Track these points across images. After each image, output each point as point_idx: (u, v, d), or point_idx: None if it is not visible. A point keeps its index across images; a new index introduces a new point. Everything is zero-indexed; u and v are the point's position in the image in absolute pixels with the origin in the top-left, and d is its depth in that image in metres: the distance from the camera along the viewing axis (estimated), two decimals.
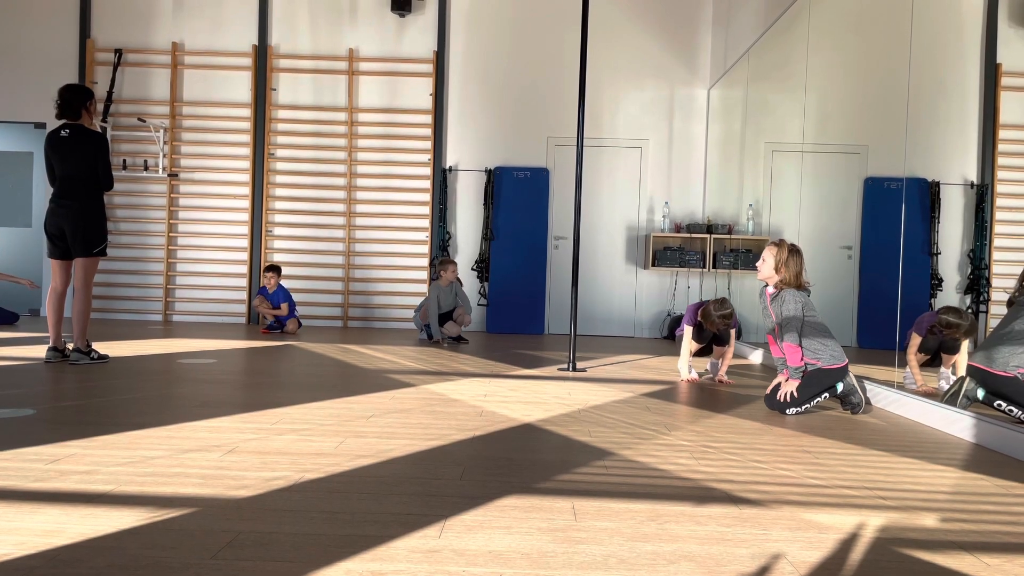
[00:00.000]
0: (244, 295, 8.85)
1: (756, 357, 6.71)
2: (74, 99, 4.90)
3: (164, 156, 8.74)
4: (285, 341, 6.84)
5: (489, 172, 8.85)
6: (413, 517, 2.02)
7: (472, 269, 8.87)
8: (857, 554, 1.83)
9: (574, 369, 5.40)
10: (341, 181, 8.88)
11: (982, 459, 2.99)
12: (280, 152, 8.92)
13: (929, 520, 2.14)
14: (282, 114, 8.91)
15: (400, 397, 3.95)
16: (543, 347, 7.16)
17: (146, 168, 8.72)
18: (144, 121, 8.56)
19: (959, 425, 3.43)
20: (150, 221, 8.91)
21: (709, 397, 4.42)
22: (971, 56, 6.74)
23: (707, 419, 3.65)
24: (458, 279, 7.52)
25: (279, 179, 8.92)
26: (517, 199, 8.82)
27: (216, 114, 8.90)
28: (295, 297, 8.87)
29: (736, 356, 7.03)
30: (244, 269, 8.86)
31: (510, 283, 8.77)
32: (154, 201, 8.91)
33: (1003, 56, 6.51)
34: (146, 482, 2.27)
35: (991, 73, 6.63)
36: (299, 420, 3.28)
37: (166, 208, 8.86)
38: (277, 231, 8.92)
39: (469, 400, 3.94)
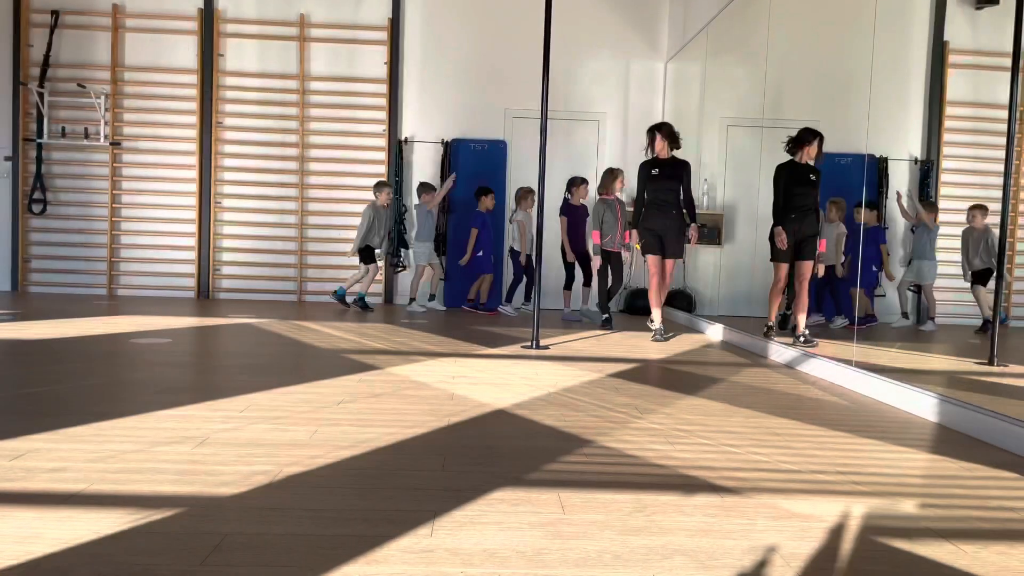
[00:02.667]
0: (193, 268, 8.62)
1: (715, 333, 6.82)
2: None
3: (106, 123, 8.39)
4: (238, 318, 6.69)
5: (446, 144, 8.75)
6: (402, 514, 2.00)
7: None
8: (846, 545, 1.88)
9: (537, 347, 5.41)
10: (293, 151, 8.67)
11: (946, 439, 3.10)
12: (229, 121, 8.65)
13: (906, 506, 2.21)
14: (230, 81, 8.63)
15: (368, 380, 3.90)
16: (503, 322, 7.15)
17: (87, 136, 8.37)
18: (84, 87, 8.19)
19: (921, 404, 3.54)
20: (93, 191, 8.58)
21: (674, 377, 4.48)
22: (919, 34, 6.86)
23: (675, 400, 3.70)
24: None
25: (228, 148, 8.66)
26: (475, 171, 8.73)
27: (161, 80, 8.57)
28: (245, 271, 8.69)
29: (693, 331, 7.15)
30: (192, 241, 8.62)
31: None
32: (96, 171, 8.58)
33: (950, 34, 6.65)
34: (120, 479, 2.20)
35: (938, 51, 6.77)
36: (269, 407, 3.21)
37: (109, 178, 8.54)
38: (226, 202, 8.68)
39: (438, 383, 3.91)
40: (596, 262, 7.15)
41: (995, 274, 4.92)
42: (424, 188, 8.13)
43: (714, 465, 2.57)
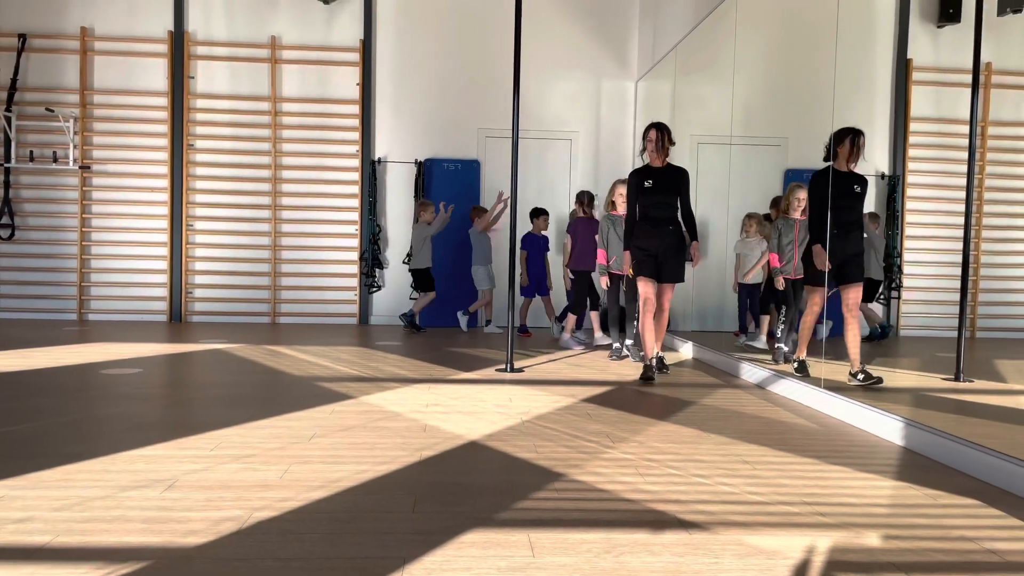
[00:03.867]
0: (165, 291, 8.54)
1: (687, 351, 6.88)
2: None
3: (75, 147, 8.31)
4: (210, 344, 6.64)
5: (419, 164, 8.76)
6: (370, 562, 2.00)
7: (404, 262, 8.77)
8: None
9: (512, 370, 5.43)
10: (265, 173, 8.64)
11: (911, 464, 3.15)
12: (200, 143, 8.60)
13: (870, 539, 2.25)
14: (201, 103, 8.58)
15: (340, 412, 3.90)
16: (479, 343, 7.16)
17: (55, 160, 8.29)
18: (52, 111, 8.12)
19: (888, 428, 3.61)
20: (62, 216, 8.48)
21: (646, 400, 4.51)
22: (883, 52, 6.99)
23: (647, 427, 3.73)
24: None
25: (199, 171, 8.60)
26: (448, 191, 8.75)
27: (130, 103, 8.50)
28: (217, 294, 8.64)
29: (665, 348, 7.20)
30: (164, 265, 8.54)
31: (442, 277, 8.70)
32: (66, 195, 8.48)
33: (913, 52, 6.79)
34: (86, 530, 2.18)
35: (902, 68, 6.91)
36: (239, 444, 3.19)
37: (78, 202, 8.45)
38: (199, 225, 8.62)
39: (411, 413, 3.91)
40: (604, 282, 6.53)
41: (963, 287, 4.95)
42: (476, 212, 8.29)
43: (683, 498, 2.60)
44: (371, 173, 8.68)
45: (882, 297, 6.10)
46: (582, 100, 9.01)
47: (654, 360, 5.29)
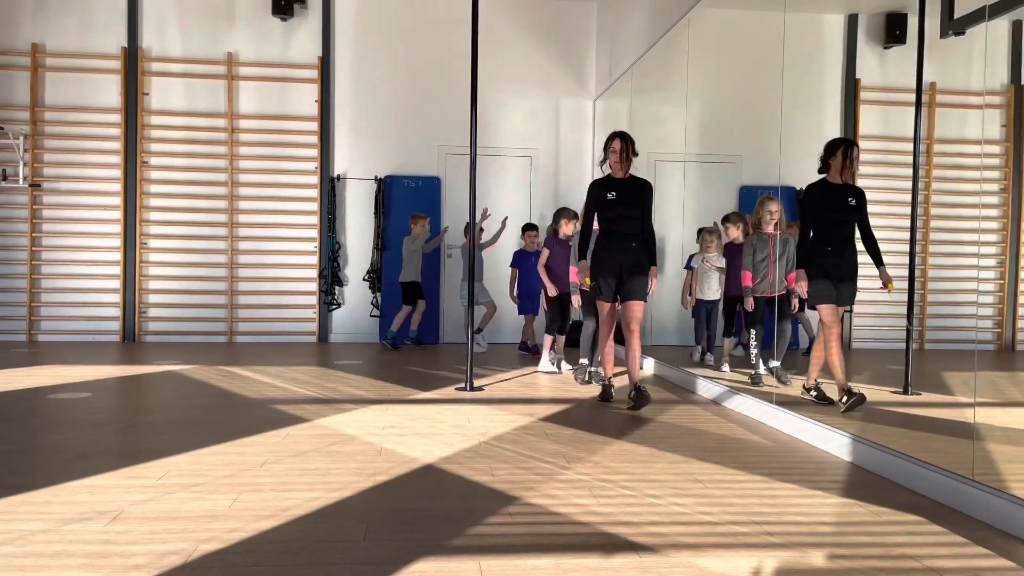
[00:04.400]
0: (118, 311, 8.38)
1: (646, 366, 6.93)
2: None
3: (25, 165, 8.12)
4: (164, 365, 6.52)
5: (379, 181, 8.73)
6: None
7: (364, 280, 8.73)
8: None
9: (471, 388, 5.42)
10: (222, 190, 8.54)
11: (856, 481, 3.22)
12: (155, 160, 8.47)
13: (815, 558, 2.29)
14: (156, 120, 8.47)
15: (294, 436, 3.86)
16: (439, 361, 7.14)
17: (4, 178, 8.08)
18: (2, 128, 7.94)
19: (836, 444, 3.68)
20: (12, 235, 8.29)
21: (604, 418, 4.54)
22: (832, 73, 7.17)
23: (603, 447, 3.75)
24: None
25: (154, 188, 8.47)
26: (409, 208, 8.73)
27: (83, 120, 8.36)
28: (172, 313, 8.50)
29: (624, 364, 7.24)
30: (117, 284, 8.38)
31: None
32: (16, 213, 8.29)
33: (861, 72, 6.97)
34: (26, 566, 2.13)
35: (851, 88, 7.09)
36: (188, 472, 3.14)
37: (28, 220, 8.26)
38: (153, 243, 8.48)
39: (367, 436, 3.89)
40: (576, 301, 6.14)
41: (909, 300, 5.02)
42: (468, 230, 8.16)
43: (635, 520, 2.62)
44: (330, 190, 8.63)
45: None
46: (541, 118, 9.08)
47: (611, 380, 5.14)
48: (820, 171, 4.71)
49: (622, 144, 5.01)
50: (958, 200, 5.49)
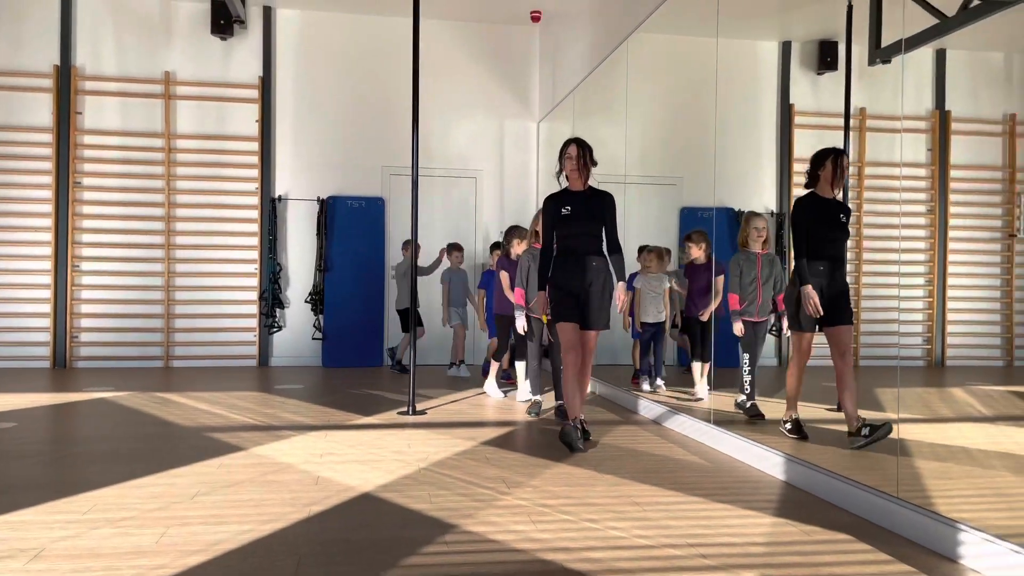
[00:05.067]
0: (48, 336, 8.09)
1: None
2: None
3: None
4: (96, 392, 6.31)
5: (322, 202, 8.65)
6: None
7: (306, 301, 8.61)
8: None
9: (414, 412, 5.37)
10: (159, 211, 8.34)
11: (789, 500, 3.28)
12: (88, 180, 8.25)
13: None
14: (89, 139, 8.25)
15: (229, 465, 3.76)
16: (382, 383, 7.06)
17: None
18: None
19: (771, 463, 3.74)
20: None
21: (545, 441, 4.53)
22: (768, 98, 7.37)
23: (544, 470, 3.75)
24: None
25: (87, 209, 8.24)
26: (352, 229, 8.67)
27: (11, 139, 8.09)
28: (106, 337, 8.26)
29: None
30: (47, 308, 8.10)
31: (346, 315, 8.58)
32: None
33: (795, 97, 7.19)
34: None
35: (786, 112, 7.30)
36: (115, 506, 3.03)
37: None
38: (85, 265, 8.22)
39: (303, 464, 3.81)
40: (520, 326, 5.57)
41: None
42: (453, 248, 8.06)
43: (572, 546, 2.62)
44: (271, 211, 8.51)
45: (774, 329, 6.35)
46: (486, 139, 9.12)
47: (578, 422, 4.29)
48: (807, 185, 4.36)
49: (578, 150, 4.54)
50: (887, 221, 5.68)
